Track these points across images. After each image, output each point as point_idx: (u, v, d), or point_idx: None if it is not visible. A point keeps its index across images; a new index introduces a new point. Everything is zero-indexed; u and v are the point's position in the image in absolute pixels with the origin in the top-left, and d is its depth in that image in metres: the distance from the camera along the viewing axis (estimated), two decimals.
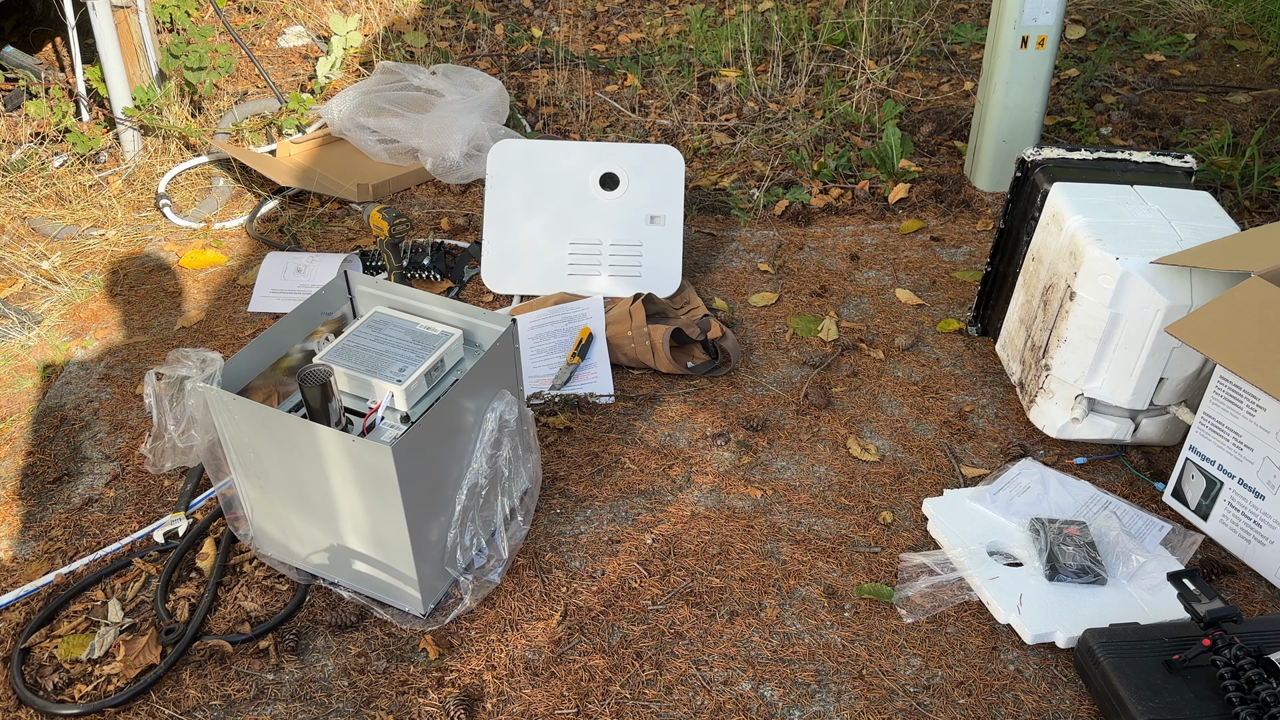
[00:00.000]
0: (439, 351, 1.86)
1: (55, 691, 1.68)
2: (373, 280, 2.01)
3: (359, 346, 1.88)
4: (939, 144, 3.62)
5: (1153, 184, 2.29)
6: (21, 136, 3.47)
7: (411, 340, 1.89)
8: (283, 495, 1.79)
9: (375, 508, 1.69)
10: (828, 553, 1.97)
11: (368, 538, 1.76)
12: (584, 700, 1.67)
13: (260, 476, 1.80)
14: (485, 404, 1.84)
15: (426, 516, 1.74)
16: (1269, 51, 4.20)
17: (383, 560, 1.77)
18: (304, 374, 1.72)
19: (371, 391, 1.82)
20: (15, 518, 2.07)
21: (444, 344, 1.88)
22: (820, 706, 1.67)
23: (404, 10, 4.62)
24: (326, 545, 1.82)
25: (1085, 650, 1.69)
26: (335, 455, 1.66)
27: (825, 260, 2.96)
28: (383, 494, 1.65)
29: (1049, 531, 1.91)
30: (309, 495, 1.75)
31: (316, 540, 1.83)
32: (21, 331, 2.64)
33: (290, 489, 1.77)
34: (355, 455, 1.63)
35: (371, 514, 1.71)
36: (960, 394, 2.41)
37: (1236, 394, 1.92)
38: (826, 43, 4.33)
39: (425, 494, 1.71)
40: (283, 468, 1.75)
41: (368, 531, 1.74)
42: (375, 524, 1.72)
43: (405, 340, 1.89)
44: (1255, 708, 1.52)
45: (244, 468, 1.81)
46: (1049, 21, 3.05)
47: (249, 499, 1.86)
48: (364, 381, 1.81)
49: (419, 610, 1.80)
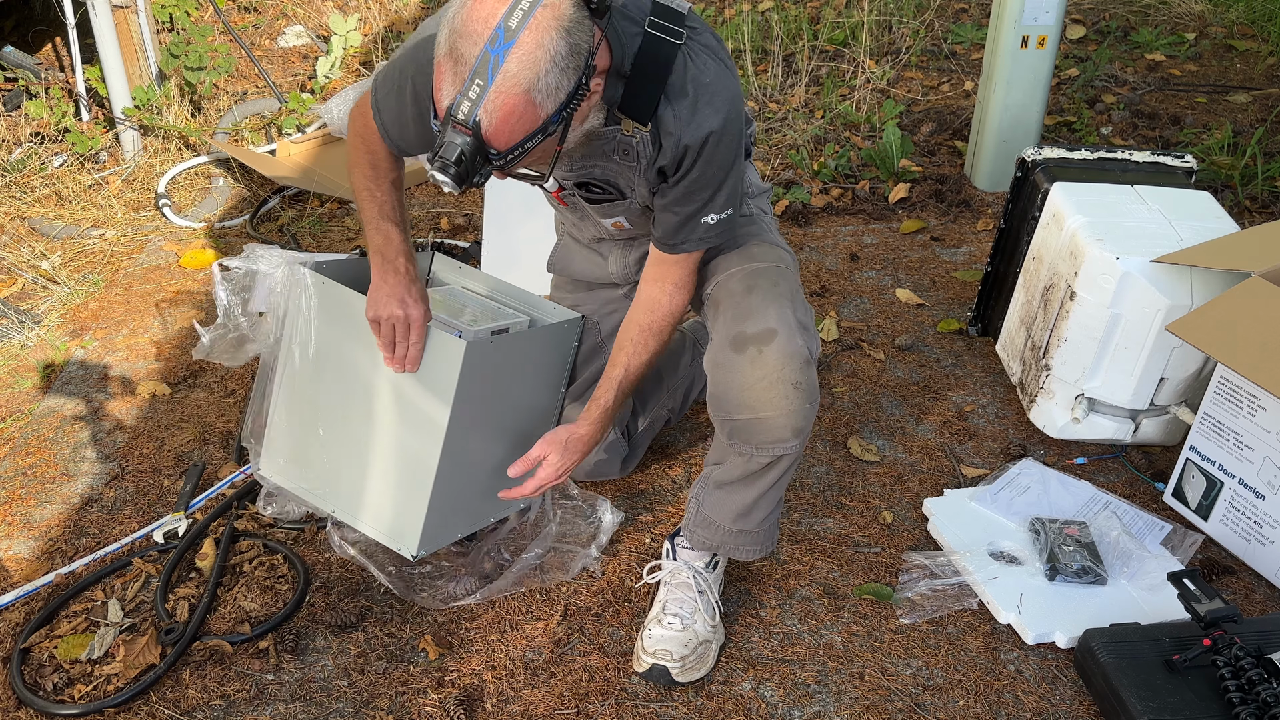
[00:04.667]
0: (508, 320, 1.84)
1: (55, 692, 1.68)
2: (454, 263, 1.99)
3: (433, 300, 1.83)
4: (939, 144, 3.62)
5: (1153, 184, 2.29)
6: (21, 136, 3.47)
7: (483, 309, 1.89)
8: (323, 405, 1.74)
9: (419, 420, 1.65)
10: (828, 553, 1.97)
11: (393, 460, 1.70)
12: (584, 700, 1.67)
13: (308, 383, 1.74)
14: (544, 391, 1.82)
15: (460, 453, 1.69)
16: (1269, 51, 4.20)
17: (399, 486, 1.71)
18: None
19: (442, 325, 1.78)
20: (15, 518, 2.07)
21: (514, 319, 1.86)
22: (820, 706, 1.67)
23: (404, 10, 4.62)
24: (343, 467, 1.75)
25: (1085, 650, 1.69)
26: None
27: (825, 260, 2.96)
28: (435, 402, 1.62)
29: (1049, 531, 1.91)
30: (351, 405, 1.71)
31: (333, 462, 1.75)
32: (21, 331, 2.64)
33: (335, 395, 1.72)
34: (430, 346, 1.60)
35: (411, 428, 1.67)
36: (960, 394, 2.41)
37: (1237, 394, 1.92)
38: (826, 42, 4.33)
39: (468, 428, 1.68)
40: (338, 371, 1.71)
41: (395, 452, 1.70)
42: (409, 442, 1.68)
43: (477, 308, 1.88)
44: (1256, 708, 1.52)
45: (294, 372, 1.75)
46: (1049, 21, 3.05)
47: (278, 410, 1.78)
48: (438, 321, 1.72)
49: (411, 550, 1.71)
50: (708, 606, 1.75)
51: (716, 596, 1.78)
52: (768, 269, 1.68)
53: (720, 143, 1.51)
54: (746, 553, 1.76)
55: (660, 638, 1.69)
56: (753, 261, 1.70)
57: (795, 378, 1.57)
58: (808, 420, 1.60)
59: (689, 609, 1.73)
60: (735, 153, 1.55)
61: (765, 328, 1.58)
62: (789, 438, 1.60)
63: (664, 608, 1.74)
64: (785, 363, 1.56)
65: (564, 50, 1.24)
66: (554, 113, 1.27)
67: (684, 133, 1.49)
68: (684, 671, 1.68)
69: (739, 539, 1.74)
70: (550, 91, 1.25)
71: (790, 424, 1.58)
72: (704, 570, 1.78)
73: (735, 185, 1.58)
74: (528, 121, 1.26)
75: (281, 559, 1.93)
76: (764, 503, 1.71)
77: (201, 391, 2.42)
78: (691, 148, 1.50)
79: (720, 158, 1.53)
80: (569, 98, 1.28)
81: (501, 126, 1.25)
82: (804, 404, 1.58)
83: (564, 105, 1.28)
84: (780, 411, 1.57)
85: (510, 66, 1.22)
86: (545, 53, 1.22)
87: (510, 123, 1.25)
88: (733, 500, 1.71)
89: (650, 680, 1.69)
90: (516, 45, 1.21)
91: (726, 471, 1.69)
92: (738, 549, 1.76)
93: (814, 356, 1.61)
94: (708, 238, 1.61)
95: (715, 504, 1.73)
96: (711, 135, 1.49)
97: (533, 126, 1.27)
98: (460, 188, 1.27)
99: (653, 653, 1.68)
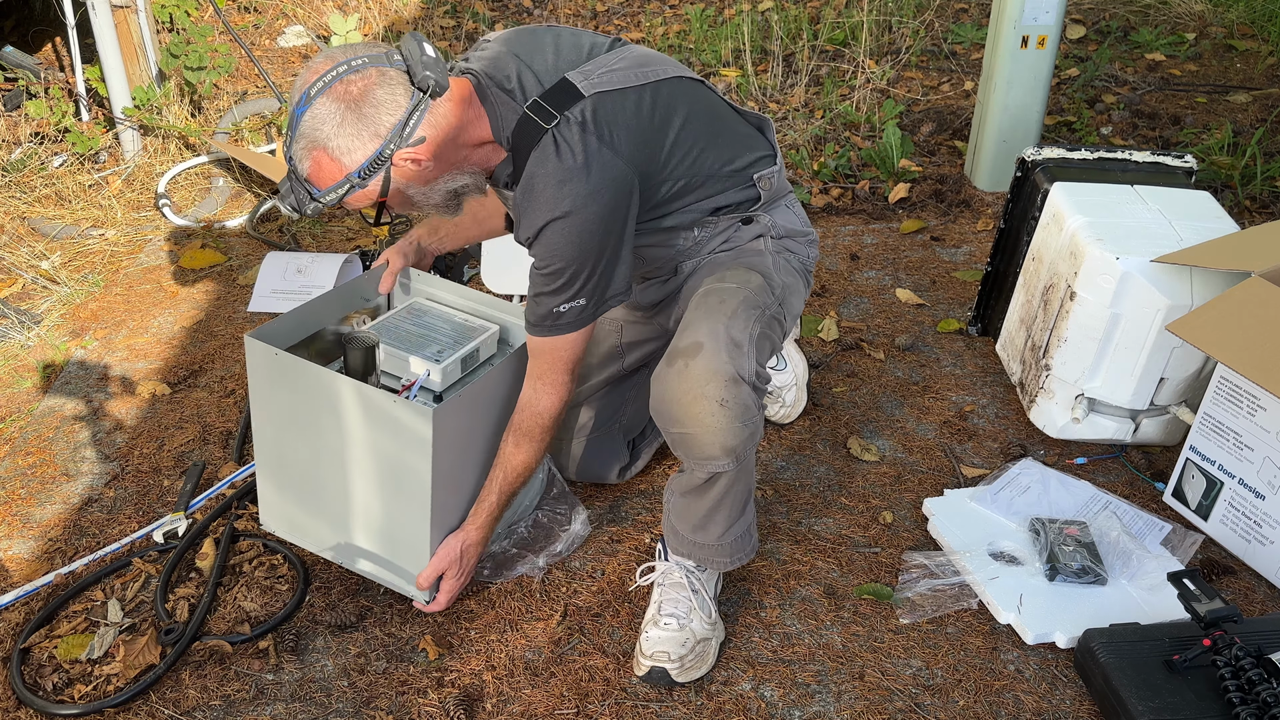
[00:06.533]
0: (477, 341, 1.90)
1: (55, 692, 1.68)
2: (416, 273, 2.03)
3: (397, 327, 1.92)
4: (939, 144, 3.62)
5: (1153, 184, 2.29)
6: (21, 136, 3.47)
7: (450, 329, 1.93)
8: (300, 468, 1.78)
9: (400, 482, 1.68)
10: (828, 553, 1.97)
11: (381, 519, 1.75)
12: (584, 700, 1.67)
13: (281, 447, 1.79)
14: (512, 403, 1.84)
15: (448, 493, 1.72)
16: (1269, 51, 4.20)
17: (396, 538, 1.75)
18: (349, 337, 1.79)
19: (407, 369, 1.84)
20: (15, 518, 2.07)
21: (482, 335, 1.92)
22: (820, 706, 1.67)
23: (404, 10, 4.62)
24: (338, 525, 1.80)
25: (1085, 650, 1.69)
26: (373, 417, 1.64)
27: (825, 260, 2.96)
28: (412, 467, 1.65)
29: (1049, 531, 1.91)
30: (329, 468, 1.74)
31: (327, 518, 1.81)
32: (21, 331, 2.64)
33: (313, 459, 1.76)
34: (395, 417, 1.62)
35: (396, 488, 1.69)
36: (960, 394, 2.41)
37: (1237, 394, 1.92)
38: (826, 42, 4.33)
39: (449, 476, 1.70)
40: (305, 434, 1.74)
41: (382, 513, 1.74)
42: (394, 502, 1.71)
43: (444, 328, 1.94)
44: (1256, 708, 1.52)
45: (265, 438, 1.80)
46: (1049, 21, 3.05)
47: (262, 471, 1.84)
48: (401, 359, 1.84)
49: (425, 598, 1.79)
50: (703, 604, 1.74)
51: (712, 593, 1.78)
52: (725, 289, 1.67)
53: (563, 231, 1.53)
54: (715, 564, 1.76)
55: (657, 639, 1.69)
56: (719, 283, 1.70)
57: (720, 395, 1.53)
58: (739, 439, 1.56)
59: (684, 608, 1.73)
60: (587, 243, 1.54)
61: (693, 341, 1.57)
62: (719, 455, 1.57)
63: (659, 609, 1.74)
64: (709, 378, 1.54)
65: (351, 120, 1.45)
66: (356, 170, 1.48)
67: (522, 216, 1.57)
68: (684, 671, 1.68)
69: (703, 550, 1.73)
70: (344, 151, 1.46)
71: (719, 441, 1.55)
72: (696, 569, 1.77)
73: (589, 275, 1.57)
74: (330, 171, 1.48)
75: (281, 559, 1.93)
76: (718, 518, 1.69)
77: (201, 391, 2.42)
78: (529, 233, 1.57)
79: (563, 245, 1.54)
80: (370, 161, 1.47)
81: (312, 172, 1.49)
82: (732, 423, 1.54)
83: (366, 166, 1.48)
84: (706, 428, 1.55)
85: (304, 127, 1.46)
86: (332, 118, 1.44)
87: (317, 171, 1.49)
88: (689, 510, 1.70)
89: (650, 683, 1.69)
90: (310, 109, 1.45)
91: (681, 481, 1.70)
92: (705, 559, 1.75)
93: (744, 376, 1.56)
94: (560, 325, 1.62)
95: (676, 511, 1.73)
96: (552, 222, 1.53)
97: (338, 176, 1.49)
98: (296, 214, 1.53)
99: (651, 655, 1.68)
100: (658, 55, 1.67)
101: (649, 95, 1.60)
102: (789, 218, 1.84)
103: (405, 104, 1.47)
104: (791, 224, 1.83)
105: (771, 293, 1.72)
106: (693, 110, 1.65)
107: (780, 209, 1.82)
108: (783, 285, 1.76)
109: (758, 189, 1.75)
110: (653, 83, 1.61)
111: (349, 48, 1.49)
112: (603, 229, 1.55)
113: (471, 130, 1.56)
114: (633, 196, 1.58)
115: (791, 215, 1.85)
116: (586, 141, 1.52)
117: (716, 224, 1.76)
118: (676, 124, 1.62)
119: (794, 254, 1.82)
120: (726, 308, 1.63)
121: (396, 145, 1.47)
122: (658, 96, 1.61)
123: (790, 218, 1.84)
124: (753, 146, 1.75)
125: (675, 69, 1.67)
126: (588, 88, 1.55)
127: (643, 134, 1.58)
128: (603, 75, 1.57)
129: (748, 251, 1.78)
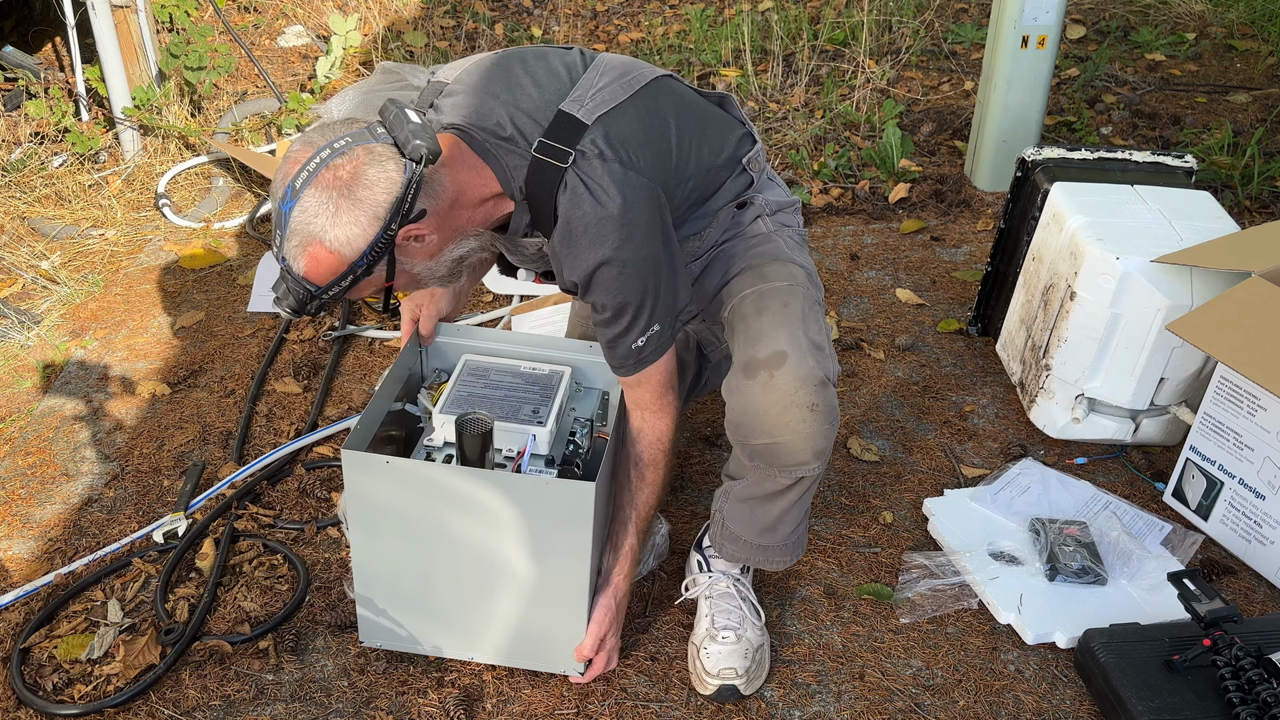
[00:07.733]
0: (561, 392, 1.75)
1: (55, 692, 1.68)
2: (451, 327, 1.89)
3: (472, 395, 1.73)
4: (939, 144, 3.62)
5: (1153, 184, 2.29)
6: (21, 136, 3.46)
7: (523, 383, 1.78)
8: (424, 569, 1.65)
9: (555, 560, 1.59)
10: (828, 553, 1.97)
11: (529, 601, 1.64)
12: (584, 700, 1.67)
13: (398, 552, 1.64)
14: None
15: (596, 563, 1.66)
16: (1269, 51, 4.20)
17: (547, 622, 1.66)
18: (463, 421, 1.61)
19: (507, 438, 1.68)
20: (15, 517, 2.07)
21: (561, 383, 1.78)
22: (820, 706, 1.67)
23: (404, 10, 4.62)
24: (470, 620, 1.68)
25: (1085, 650, 1.69)
26: (523, 502, 1.56)
27: (825, 260, 2.96)
28: (569, 541, 1.57)
29: (1049, 531, 1.91)
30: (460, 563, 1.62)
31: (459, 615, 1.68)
32: (21, 331, 2.64)
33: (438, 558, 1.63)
34: (551, 498, 1.54)
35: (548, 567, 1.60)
36: (960, 394, 2.41)
37: (1237, 394, 1.92)
38: (826, 42, 4.33)
39: (599, 539, 1.64)
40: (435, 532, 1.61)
41: (531, 595, 1.63)
42: (545, 581, 1.62)
43: (517, 384, 1.78)
44: (1256, 708, 1.52)
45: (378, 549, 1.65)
46: (1049, 21, 3.05)
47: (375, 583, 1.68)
48: (505, 430, 1.67)
49: (578, 670, 1.69)
50: (753, 611, 1.74)
51: (755, 598, 1.78)
52: (778, 289, 1.64)
53: (613, 269, 1.48)
54: (775, 564, 1.74)
55: (719, 655, 1.67)
56: (765, 282, 1.66)
57: (810, 400, 1.52)
58: (828, 440, 1.56)
59: (736, 619, 1.71)
60: (643, 273, 1.50)
61: (775, 351, 1.55)
62: (810, 459, 1.56)
63: (713, 622, 1.71)
64: (799, 386, 1.52)
65: (345, 207, 1.34)
66: (358, 259, 1.38)
67: (566, 267, 1.51)
68: (749, 683, 1.67)
69: (766, 552, 1.72)
70: (343, 242, 1.36)
71: (810, 446, 1.55)
72: (741, 576, 1.77)
73: (654, 302, 1.53)
74: (330, 265, 1.38)
75: (281, 559, 1.93)
76: (789, 518, 1.68)
77: (201, 391, 2.42)
78: (580, 281, 1.51)
79: (620, 284, 1.50)
80: (372, 245, 1.37)
81: (310, 269, 1.38)
82: (822, 425, 1.54)
83: (368, 252, 1.38)
84: (797, 435, 1.53)
85: (294, 223, 1.35)
86: (325, 209, 1.34)
87: (315, 267, 1.38)
88: (756, 516, 1.68)
89: (720, 701, 1.67)
90: (299, 203, 1.35)
91: (747, 488, 1.66)
92: (766, 560, 1.73)
93: (830, 377, 1.56)
94: (645, 358, 1.58)
95: (738, 519, 1.70)
96: (601, 267, 1.48)
97: (339, 269, 1.38)
98: (296, 315, 1.43)
99: (717, 673, 1.66)
100: (630, 60, 1.64)
101: (642, 104, 1.57)
102: (775, 191, 1.83)
103: (399, 179, 1.36)
104: (779, 197, 1.82)
105: (813, 282, 1.71)
106: (679, 108, 1.63)
107: (766, 184, 1.81)
108: (810, 267, 1.75)
109: (750, 173, 1.73)
110: (639, 90, 1.57)
111: (326, 128, 1.39)
112: (652, 253, 1.51)
113: (472, 190, 1.49)
114: (665, 208, 1.55)
115: (776, 188, 1.84)
116: (611, 171, 1.47)
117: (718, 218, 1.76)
118: (672, 125, 1.60)
119: (789, 227, 1.81)
120: (793, 310, 1.60)
121: (398, 224, 1.38)
122: (649, 102, 1.58)
123: (776, 191, 1.83)
124: (730, 128, 1.72)
125: (650, 70, 1.64)
126: (587, 115, 1.50)
127: (653, 144, 1.55)
128: (595, 96, 1.53)
129: (755, 238, 1.75)
